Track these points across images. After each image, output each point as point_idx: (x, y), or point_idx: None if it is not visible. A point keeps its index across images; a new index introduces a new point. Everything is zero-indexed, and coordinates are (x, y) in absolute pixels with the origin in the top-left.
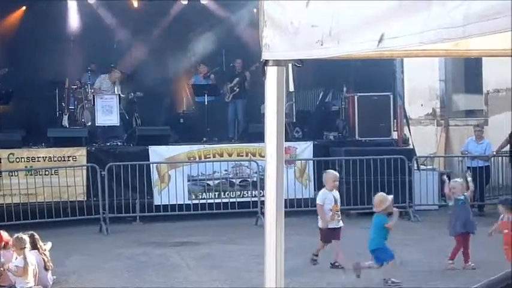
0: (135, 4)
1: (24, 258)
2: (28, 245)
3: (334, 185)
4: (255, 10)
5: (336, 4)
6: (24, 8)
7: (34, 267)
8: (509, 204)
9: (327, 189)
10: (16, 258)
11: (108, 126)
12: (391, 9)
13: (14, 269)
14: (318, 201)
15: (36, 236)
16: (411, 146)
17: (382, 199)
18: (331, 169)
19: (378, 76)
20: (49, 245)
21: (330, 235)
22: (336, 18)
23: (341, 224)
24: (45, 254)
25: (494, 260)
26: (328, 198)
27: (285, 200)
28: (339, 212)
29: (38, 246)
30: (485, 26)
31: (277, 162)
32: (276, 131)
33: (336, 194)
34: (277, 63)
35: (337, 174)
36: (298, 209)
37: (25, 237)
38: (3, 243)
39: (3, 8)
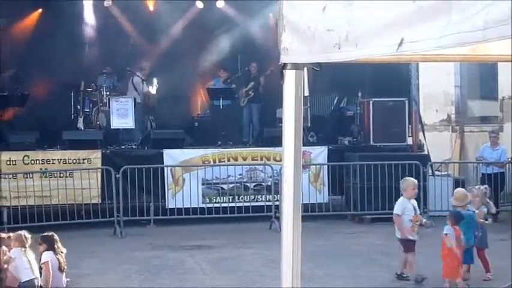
0: (151, 7)
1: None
2: (28, 244)
3: (414, 193)
4: (270, 15)
5: (352, 9)
6: (40, 10)
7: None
8: (453, 216)
9: (405, 198)
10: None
11: (123, 129)
12: (411, 14)
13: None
14: (397, 211)
15: (55, 237)
16: (426, 152)
17: (466, 194)
18: (345, 174)
19: (393, 81)
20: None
21: (408, 246)
22: (352, 22)
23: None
24: (61, 255)
25: (504, 266)
26: (408, 208)
27: None
28: (418, 223)
29: (56, 246)
30: (504, 30)
31: (294, 167)
32: (293, 135)
33: (415, 202)
34: (296, 66)
35: (416, 181)
36: (312, 214)
37: (27, 235)
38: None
39: (20, 10)
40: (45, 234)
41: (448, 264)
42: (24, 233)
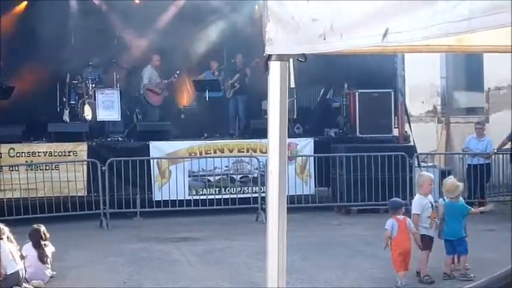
0: (137, 0)
1: None
2: (5, 235)
3: (430, 189)
4: (256, 6)
5: None
6: (25, 2)
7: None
8: (390, 206)
9: (422, 195)
10: None
11: (109, 121)
12: (395, 4)
13: None
14: (416, 211)
15: (41, 230)
16: (412, 143)
17: (457, 184)
18: (332, 165)
19: (378, 73)
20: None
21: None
22: (337, 12)
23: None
24: (42, 248)
25: (492, 257)
26: (426, 205)
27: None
28: (436, 219)
29: (40, 240)
30: (489, 20)
31: (279, 158)
32: (278, 126)
33: (431, 198)
34: (280, 58)
35: (432, 176)
36: (298, 205)
37: (2, 226)
38: None
39: (5, 3)
40: (32, 227)
41: (394, 257)
42: None
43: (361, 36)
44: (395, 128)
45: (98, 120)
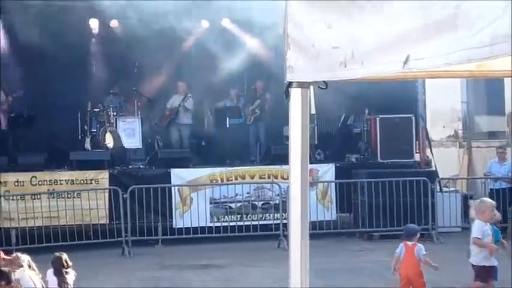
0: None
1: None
2: (25, 263)
3: (491, 215)
4: (276, 33)
5: (356, 26)
6: (46, 31)
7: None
8: (406, 232)
9: (482, 221)
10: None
11: (131, 148)
12: (416, 31)
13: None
14: (477, 234)
15: (63, 258)
16: (433, 168)
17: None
18: (353, 191)
19: (399, 98)
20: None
21: (486, 274)
22: (358, 39)
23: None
24: (63, 275)
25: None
26: (486, 232)
27: None
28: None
29: (62, 268)
30: (510, 46)
31: (301, 184)
32: (300, 153)
33: (492, 226)
34: (301, 85)
35: (495, 203)
36: (320, 231)
37: (23, 256)
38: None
39: (28, 31)
40: (54, 255)
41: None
42: (17, 254)
43: (382, 63)
44: (416, 153)
45: (119, 147)
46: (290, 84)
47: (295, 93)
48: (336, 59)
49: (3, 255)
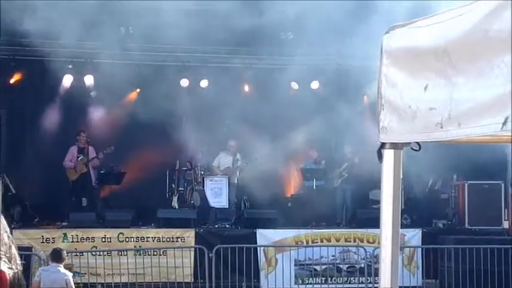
0: (246, 88)
1: None
2: None
3: None
4: (365, 96)
5: (454, 88)
6: (138, 90)
7: None
8: None
9: None
10: None
11: (217, 208)
12: None
13: None
14: None
15: None
16: None
17: None
18: (440, 257)
19: (489, 163)
20: None
21: None
22: (455, 101)
23: None
24: None
25: None
26: None
27: None
28: None
29: None
30: None
31: (392, 246)
32: (391, 214)
33: None
34: (394, 146)
35: None
36: None
37: None
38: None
39: (120, 91)
40: None
41: None
42: None
43: (479, 125)
44: (505, 220)
45: (206, 207)
46: (383, 145)
47: (388, 155)
48: (432, 120)
49: None
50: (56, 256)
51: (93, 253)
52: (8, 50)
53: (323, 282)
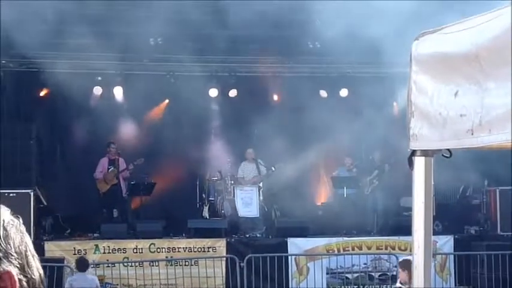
0: (276, 98)
1: None
2: None
3: None
4: (394, 103)
5: (485, 94)
6: (167, 101)
7: None
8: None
9: None
10: None
11: (248, 217)
12: None
13: None
14: None
15: None
16: None
17: None
18: (472, 264)
19: None
20: None
21: None
22: (486, 107)
23: None
24: None
25: None
26: None
27: None
28: None
29: None
30: None
31: (424, 253)
32: (423, 222)
33: None
34: (425, 153)
35: None
36: None
37: None
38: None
39: (148, 102)
40: None
41: None
42: None
43: (510, 131)
44: None
45: (237, 216)
46: (414, 152)
47: (419, 162)
48: (463, 126)
49: None
50: (83, 265)
51: (125, 264)
52: (38, 63)
53: None
